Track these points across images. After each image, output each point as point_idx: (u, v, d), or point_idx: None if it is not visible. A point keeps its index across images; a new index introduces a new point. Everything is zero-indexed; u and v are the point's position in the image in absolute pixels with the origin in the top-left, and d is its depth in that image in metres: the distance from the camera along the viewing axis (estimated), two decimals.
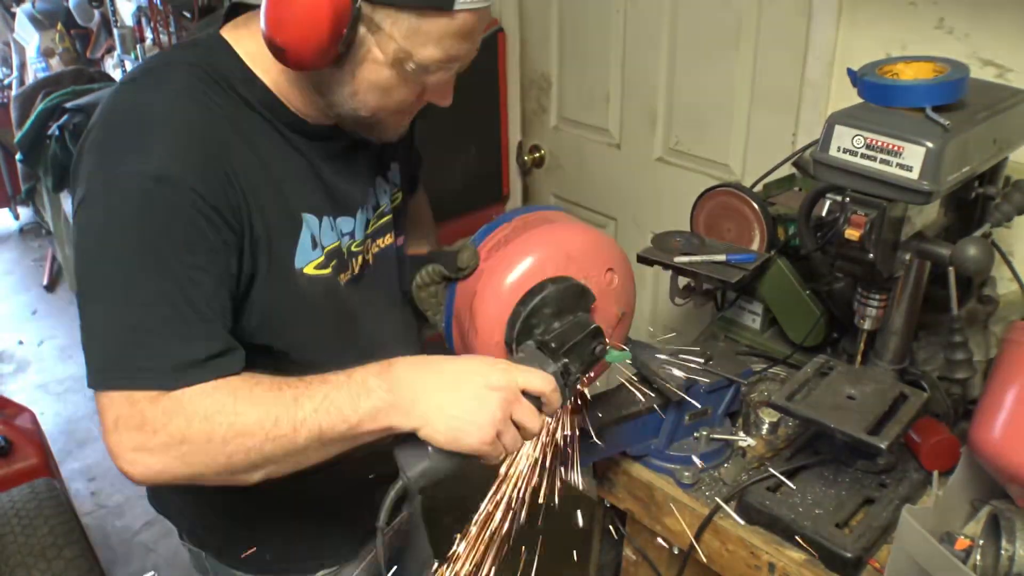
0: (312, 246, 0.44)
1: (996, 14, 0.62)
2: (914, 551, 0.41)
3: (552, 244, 0.47)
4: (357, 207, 0.47)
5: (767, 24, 0.81)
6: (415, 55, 0.39)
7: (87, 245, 0.38)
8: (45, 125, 1.69)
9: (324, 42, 0.36)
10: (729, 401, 0.58)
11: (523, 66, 1.11)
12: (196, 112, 0.39)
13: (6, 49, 2.43)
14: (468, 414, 0.38)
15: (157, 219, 0.37)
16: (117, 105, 0.41)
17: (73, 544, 0.87)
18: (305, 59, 0.37)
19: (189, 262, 0.38)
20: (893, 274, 0.50)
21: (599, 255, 0.48)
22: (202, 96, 0.40)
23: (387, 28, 0.37)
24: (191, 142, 0.38)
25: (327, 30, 0.35)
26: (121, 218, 0.37)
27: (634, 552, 0.61)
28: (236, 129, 0.41)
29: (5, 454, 1.01)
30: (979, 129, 0.46)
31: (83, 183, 0.39)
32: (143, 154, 0.37)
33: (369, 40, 0.38)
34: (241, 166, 0.40)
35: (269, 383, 0.39)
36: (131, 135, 0.38)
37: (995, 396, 0.47)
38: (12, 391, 1.61)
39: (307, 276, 0.44)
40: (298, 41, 0.36)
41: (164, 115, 0.39)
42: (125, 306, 0.38)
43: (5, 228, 2.44)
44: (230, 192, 0.39)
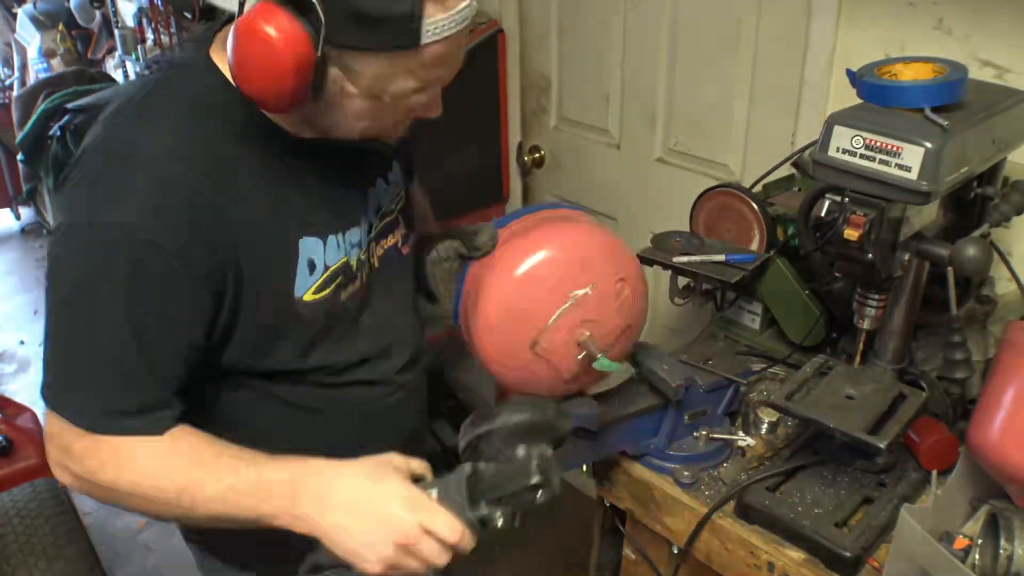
0: (310, 271, 0.44)
1: (995, 15, 0.62)
2: (913, 550, 0.41)
3: (567, 243, 0.47)
4: (360, 215, 0.47)
5: (766, 25, 0.81)
6: (388, 89, 0.39)
7: (57, 277, 0.40)
8: (46, 126, 1.69)
9: (291, 90, 0.36)
10: (728, 401, 0.58)
11: (523, 66, 1.11)
12: (187, 168, 0.39)
13: (7, 50, 2.44)
14: (361, 548, 0.38)
15: (122, 271, 0.38)
16: (112, 142, 0.40)
17: (74, 544, 0.88)
18: (276, 106, 0.37)
19: (148, 318, 0.39)
20: (892, 274, 0.50)
21: (613, 262, 0.48)
22: (197, 143, 0.40)
23: (356, 68, 0.37)
24: (175, 203, 0.38)
25: (291, 79, 0.35)
26: (89, 263, 0.38)
27: (634, 551, 0.61)
28: (230, 172, 0.40)
29: (6, 453, 1.01)
30: (978, 130, 0.46)
31: (62, 217, 0.40)
32: (124, 206, 0.38)
33: (341, 78, 0.38)
34: (228, 212, 0.40)
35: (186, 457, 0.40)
36: (117, 182, 0.38)
37: (993, 396, 0.47)
38: (13, 391, 1.61)
39: (305, 303, 0.44)
40: (266, 91, 0.36)
41: (153, 169, 0.38)
42: (78, 342, 0.39)
43: (7, 228, 2.44)
44: (213, 250, 0.39)
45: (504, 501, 0.39)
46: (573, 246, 0.47)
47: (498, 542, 1.01)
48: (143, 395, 0.40)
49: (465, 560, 0.40)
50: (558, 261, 0.46)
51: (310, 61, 0.36)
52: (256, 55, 0.35)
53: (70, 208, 0.39)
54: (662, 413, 0.55)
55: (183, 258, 0.39)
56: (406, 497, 0.39)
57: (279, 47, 0.35)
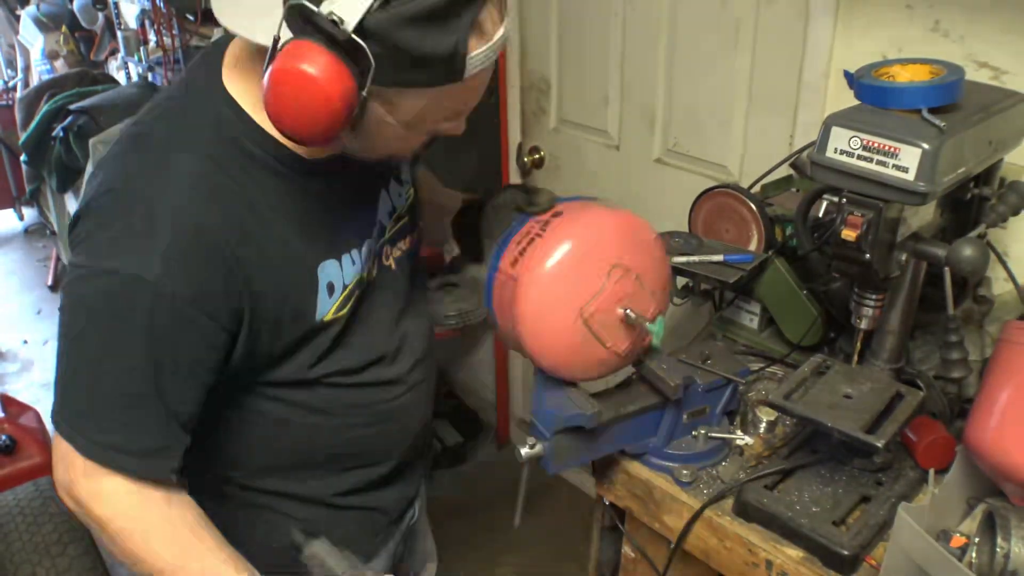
0: (329, 294, 0.44)
1: (991, 17, 0.63)
2: (910, 548, 0.41)
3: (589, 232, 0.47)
4: (373, 226, 0.48)
5: (765, 26, 0.81)
6: (428, 119, 0.39)
7: (74, 317, 0.40)
8: (49, 127, 1.71)
9: (335, 130, 0.35)
10: (727, 400, 0.58)
11: (523, 69, 1.11)
12: (201, 208, 0.39)
13: (11, 51, 2.45)
14: None
15: (138, 319, 0.38)
16: (123, 180, 0.40)
17: (77, 542, 0.88)
18: (315, 143, 0.37)
19: (165, 364, 0.39)
20: (890, 274, 0.51)
21: (626, 240, 0.48)
22: (212, 178, 0.39)
23: (398, 102, 0.37)
24: (187, 246, 0.38)
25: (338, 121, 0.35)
26: (107, 309, 0.38)
27: (633, 549, 0.62)
28: (246, 205, 0.40)
29: (10, 452, 1.01)
30: (974, 131, 0.47)
31: (82, 252, 0.39)
32: (136, 254, 0.38)
33: (380, 110, 0.38)
34: (249, 252, 0.40)
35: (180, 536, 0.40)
36: (130, 225, 0.38)
37: (990, 395, 0.48)
38: (17, 390, 1.62)
39: (326, 323, 0.44)
40: (309, 131, 0.35)
41: (165, 211, 0.38)
42: (94, 381, 0.40)
43: (10, 229, 2.45)
44: (228, 294, 0.40)
45: None
46: (596, 232, 0.48)
47: (497, 542, 1.02)
48: (153, 437, 0.40)
49: (465, 559, 0.40)
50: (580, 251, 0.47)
51: (355, 100, 0.35)
52: (300, 97, 0.34)
53: (89, 251, 0.39)
54: (661, 412, 0.56)
55: (202, 306, 0.39)
56: None
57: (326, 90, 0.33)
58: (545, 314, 0.48)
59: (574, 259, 0.47)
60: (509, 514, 0.55)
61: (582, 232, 0.48)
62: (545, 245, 0.47)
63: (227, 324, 0.40)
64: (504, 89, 1.11)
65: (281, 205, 0.42)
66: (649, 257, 0.50)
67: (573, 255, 0.47)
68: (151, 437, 0.40)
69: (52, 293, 2.07)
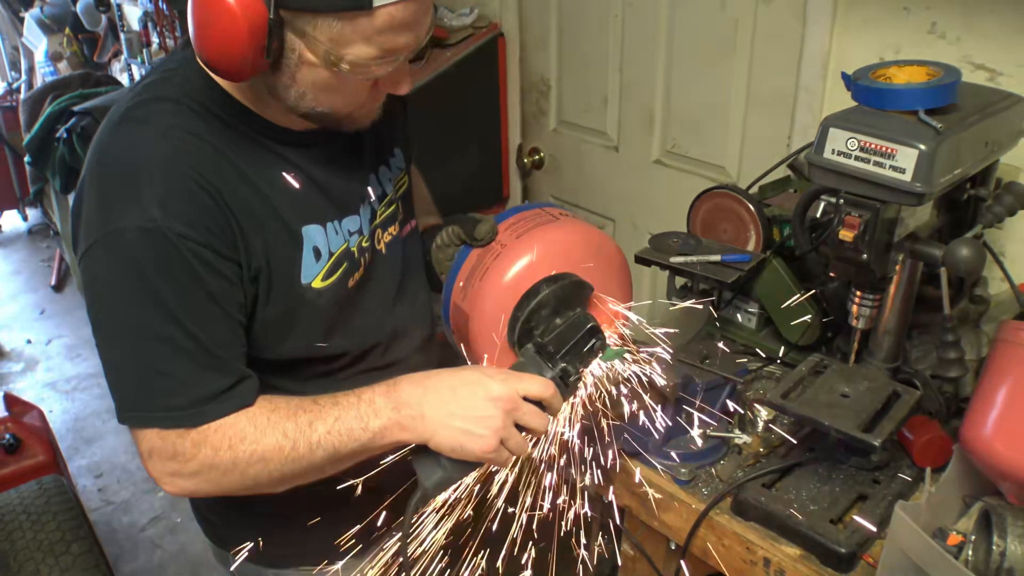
0: (315, 258, 0.45)
1: (987, 19, 0.63)
2: (907, 546, 0.41)
3: (547, 244, 0.48)
4: (359, 203, 0.48)
5: (763, 29, 0.82)
6: (345, 55, 0.38)
7: (95, 296, 0.40)
8: (53, 128, 1.72)
9: (247, 54, 0.36)
10: (725, 399, 0.59)
11: (523, 70, 1.12)
12: (184, 156, 0.40)
13: (15, 53, 2.46)
14: (471, 424, 0.41)
15: (154, 268, 0.39)
16: (108, 152, 0.41)
17: (80, 540, 0.88)
18: (234, 71, 0.37)
19: (193, 303, 0.40)
20: (886, 274, 0.51)
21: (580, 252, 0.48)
22: (189, 135, 0.40)
23: (311, 32, 0.37)
24: (180, 189, 0.39)
25: (246, 42, 0.35)
26: (122, 270, 0.39)
27: (632, 548, 0.62)
28: (225, 160, 0.41)
29: (14, 451, 1.02)
30: (971, 132, 0.47)
31: (83, 234, 0.40)
32: (135, 206, 0.38)
33: (298, 44, 0.38)
34: (233, 199, 0.41)
35: (285, 409, 0.42)
36: (122, 186, 0.39)
37: (986, 394, 0.48)
38: (21, 389, 1.63)
39: (314, 290, 0.45)
40: (223, 56, 0.36)
41: (152, 164, 0.39)
42: (138, 351, 0.40)
43: (14, 229, 2.47)
44: (224, 228, 0.40)
45: (571, 353, 0.44)
46: (552, 245, 0.48)
47: None
48: (224, 375, 0.41)
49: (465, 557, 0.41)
50: (540, 264, 0.47)
51: (263, 23, 0.35)
52: (211, 18, 0.35)
53: (91, 225, 0.40)
54: (660, 411, 0.56)
55: (209, 242, 0.40)
56: (495, 375, 0.42)
57: (236, 12, 0.34)
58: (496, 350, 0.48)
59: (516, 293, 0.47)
60: None
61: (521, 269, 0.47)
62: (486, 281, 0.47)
63: (232, 256, 0.41)
64: (504, 90, 1.12)
65: (258, 164, 0.42)
66: (600, 270, 0.49)
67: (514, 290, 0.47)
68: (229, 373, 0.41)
69: (56, 293, 2.09)
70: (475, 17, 1.09)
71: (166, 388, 0.40)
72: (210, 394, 0.40)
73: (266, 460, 0.41)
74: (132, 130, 0.41)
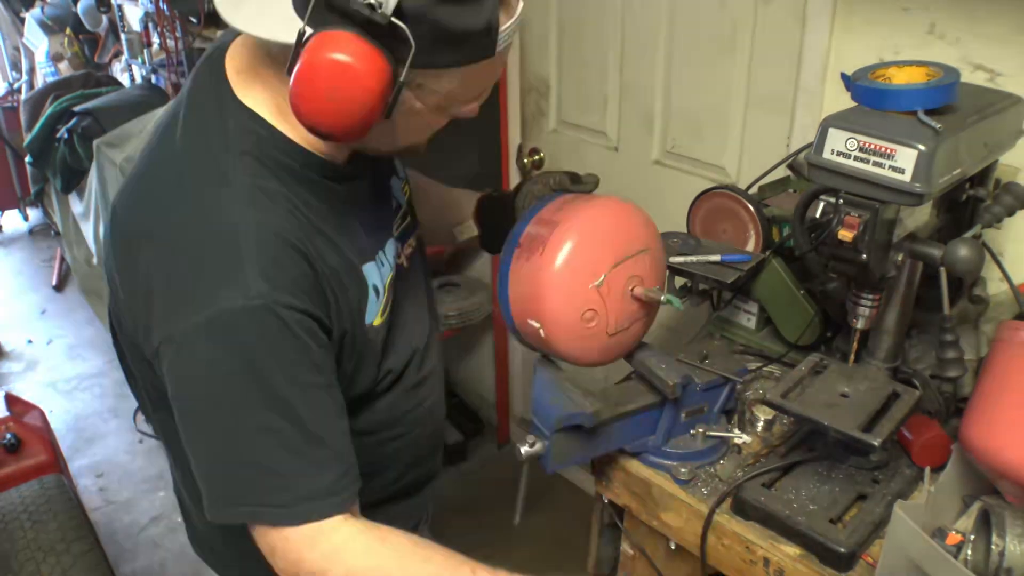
0: (376, 297, 0.42)
1: (987, 19, 0.63)
2: (906, 546, 0.42)
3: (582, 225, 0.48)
4: (391, 226, 0.47)
5: (762, 29, 0.82)
6: (458, 99, 0.38)
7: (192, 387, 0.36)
8: (54, 128, 1.72)
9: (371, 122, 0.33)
10: (725, 399, 0.59)
11: (523, 70, 1.12)
12: (273, 218, 0.36)
13: (16, 53, 2.47)
14: None
15: (266, 350, 0.35)
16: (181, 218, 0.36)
17: (81, 539, 0.88)
18: (352, 138, 0.34)
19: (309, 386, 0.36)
20: (886, 274, 0.51)
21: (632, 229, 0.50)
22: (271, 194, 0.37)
23: (430, 85, 0.36)
24: (279, 256, 0.35)
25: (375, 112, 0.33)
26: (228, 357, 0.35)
27: (632, 547, 0.62)
28: (302, 215, 0.37)
29: (15, 451, 1.02)
30: (970, 132, 0.47)
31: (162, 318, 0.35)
32: (236, 285, 0.34)
33: (411, 97, 0.36)
34: (318, 256, 0.38)
35: (438, 558, 0.38)
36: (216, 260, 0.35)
37: (986, 394, 0.48)
38: (21, 389, 1.63)
39: (375, 328, 0.42)
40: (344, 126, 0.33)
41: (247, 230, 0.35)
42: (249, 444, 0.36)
43: (15, 229, 2.46)
44: (320, 292, 0.37)
45: None
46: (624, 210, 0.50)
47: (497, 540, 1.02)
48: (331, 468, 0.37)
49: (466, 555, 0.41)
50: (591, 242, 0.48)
51: (390, 87, 0.33)
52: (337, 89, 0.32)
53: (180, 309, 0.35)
54: (660, 411, 0.56)
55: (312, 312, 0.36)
56: None
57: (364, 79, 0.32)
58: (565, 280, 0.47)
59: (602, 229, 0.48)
60: (509, 512, 0.56)
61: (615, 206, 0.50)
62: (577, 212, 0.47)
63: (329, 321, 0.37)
64: (504, 91, 1.12)
65: (319, 211, 0.39)
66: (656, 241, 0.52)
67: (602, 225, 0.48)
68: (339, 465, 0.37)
69: (56, 293, 2.08)
70: None
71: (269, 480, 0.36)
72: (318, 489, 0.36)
73: None
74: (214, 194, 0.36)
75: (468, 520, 0.95)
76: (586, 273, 0.48)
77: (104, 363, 1.70)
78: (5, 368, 1.74)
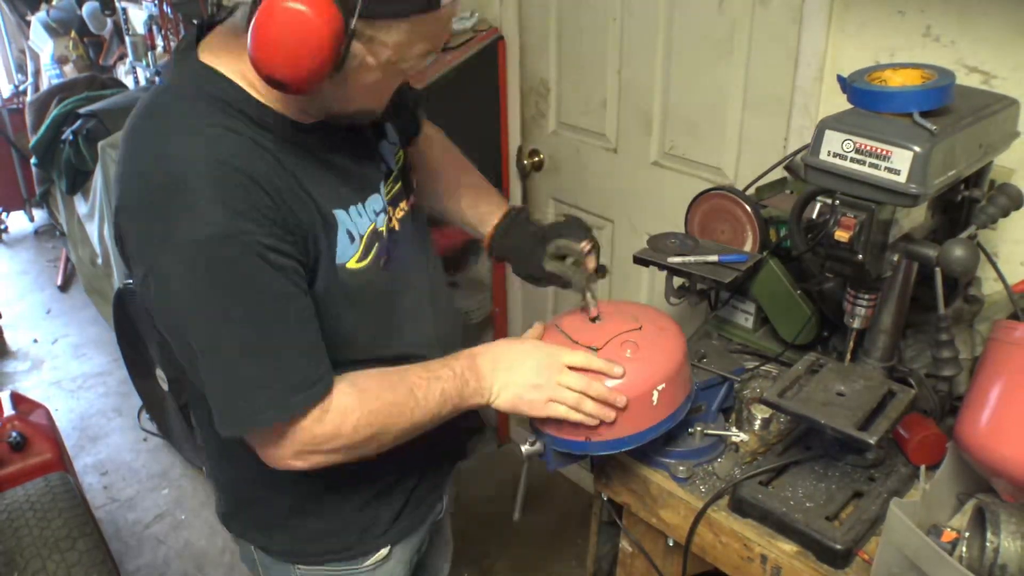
0: (349, 240, 0.45)
1: (982, 22, 0.63)
2: (902, 543, 0.42)
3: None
4: (378, 182, 0.49)
5: (759, 32, 0.82)
6: (407, 55, 0.39)
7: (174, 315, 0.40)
8: (59, 130, 1.73)
9: (322, 68, 0.35)
10: (723, 397, 0.59)
11: (522, 73, 1.13)
12: (224, 148, 0.39)
13: (21, 56, 2.49)
14: (527, 392, 0.48)
15: (235, 273, 0.39)
16: (145, 161, 0.40)
17: (86, 536, 0.89)
18: (305, 88, 0.37)
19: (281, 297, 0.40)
20: (882, 274, 0.51)
21: None
22: (216, 132, 0.40)
23: (381, 37, 0.38)
24: (230, 185, 0.38)
25: (323, 57, 0.35)
26: (199, 283, 0.39)
27: (630, 544, 0.62)
28: (257, 151, 0.41)
29: (21, 449, 1.03)
30: (965, 134, 0.47)
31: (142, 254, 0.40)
32: (195, 216, 0.38)
33: (362, 51, 0.38)
34: (276, 187, 0.40)
35: (390, 379, 0.45)
36: (172, 197, 0.38)
37: (980, 393, 0.48)
38: (27, 388, 1.64)
39: (349, 271, 0.45)
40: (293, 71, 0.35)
41: (197, 164, 0.38)
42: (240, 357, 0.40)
43: (20, 230, 2.48)
44: (278, 217, 0.40)
45: None
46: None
47: (497, 536, 1.03)
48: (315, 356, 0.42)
49: (466, 553, 0.41)
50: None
51: (340, 35, 0.35)
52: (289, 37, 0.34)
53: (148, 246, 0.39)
54: None
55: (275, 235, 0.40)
56: (546, 348, 0.49)
57: (316, 26, 0.34)
58: None
59: None
60: (509, 509, 0.56)
61: None
62: None
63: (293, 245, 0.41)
64: (504, 92, 1.13)
65: (286, 157, 0.42)
66: None
67: None
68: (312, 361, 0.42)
69: (61, 293, 2.09)
70: (475, 21, 1.10)
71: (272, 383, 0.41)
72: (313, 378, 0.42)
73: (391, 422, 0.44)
74: (166, 135, 0.40)
75: (469, 517, 0.96)
76: None
77: (109, 362, 1.71)
78: (11, 367, 1.75)
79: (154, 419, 1.47)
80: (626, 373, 0.48)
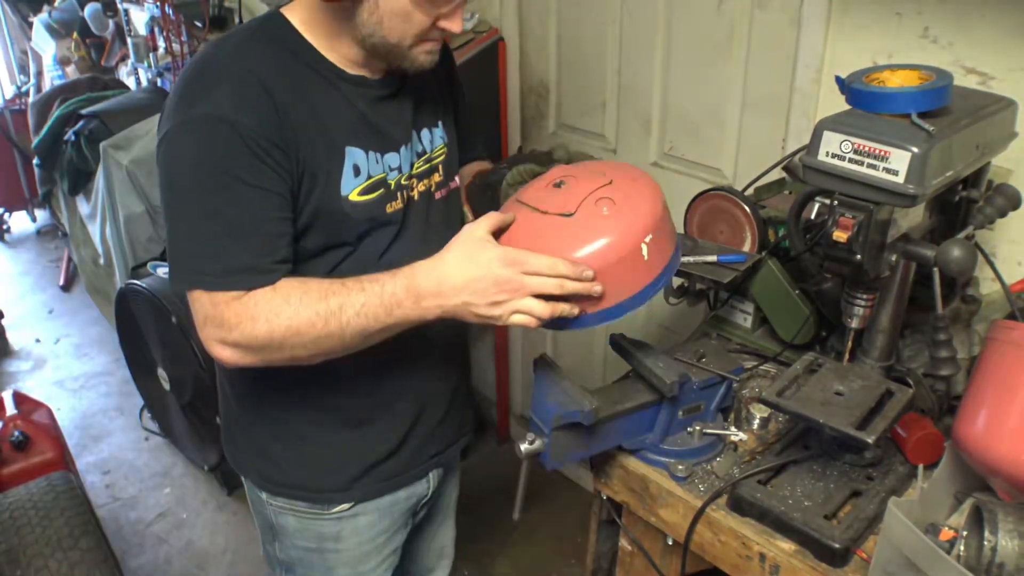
0: (355, 174, 0.50)
1: (979, 24, 0.64)
2: (900, 542, 0.42)
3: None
4: (400, 145, 0.53)
5: (758, 33, 0.83)
6: None
7: (167, 174, 0.47)
8: (61, 131, 1.74)
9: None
10: (721, 397, 0.59)
11: (522, 74, 1.14)
12: (250, 63, 0.47)
13: (24, 57, 2.50)
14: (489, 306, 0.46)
15: (220, 152, 0.45)
16: (194, 61, 0.50)
17: (88, 535, 0.89)
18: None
19: (249, 186, 0.45)
20: (880, 274, 0.52)
21: None
22: (256, 51, 0.48)
23: None
24: (245, 87, 0.46)
25: None
26: (191, 152, 0.46)
27: (629, 543, 0.63)
28: (286, 75, 0.48)
29: (23, 448, 1.03)
30: (963, 134, 0.48)
31: (162, 127, 0.48)
32: (207, 100, 0.46)
33: None
34: (290, 106, 0.47)
35: (317, 291, 0.47)
36: (199, 84, 0.47)
37: (978, 392, 0.49)
38: (30, 387, 1.64)
39: (351, 202, 0.50)
40: None
41: (224, 66, 0.47)
42: (194, 224, 0.46)
43: (23, 230, 2.49)
44: (281, 127, 0.46)
45: None
46: None
47: (497, 536, 1.02)
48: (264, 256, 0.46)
49: (465, 552, 0.42)
50: None
51: None
52: None
53: (170, 115, 0.47)
54: (657, 409, 0.57)
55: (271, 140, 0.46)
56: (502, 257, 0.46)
57: None
58: None
59: None
60: (509, 508, 0.56)
61: None
62: None
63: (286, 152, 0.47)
64: (504, 93, 1.13)
65: (318, 91, 0.49)
66: None
67: None
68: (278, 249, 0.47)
69: (64, 293, 2.10)
70: (476, 23, 1.11)
71: (217, 256, 0.45)
72: (259, 265, 0.46)
73: (300, 334, 0.46)
74: (212, 47, 0.50)
75: (468, 516, 0.96)
76: None
77: (111, 362, 1.72)
78: (13, 367, 1.76)
79: (156, 418, 1.48)
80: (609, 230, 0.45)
